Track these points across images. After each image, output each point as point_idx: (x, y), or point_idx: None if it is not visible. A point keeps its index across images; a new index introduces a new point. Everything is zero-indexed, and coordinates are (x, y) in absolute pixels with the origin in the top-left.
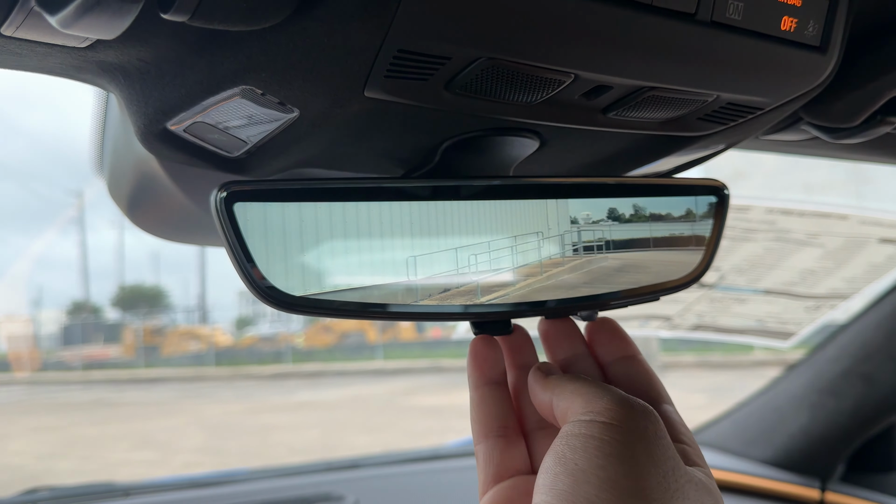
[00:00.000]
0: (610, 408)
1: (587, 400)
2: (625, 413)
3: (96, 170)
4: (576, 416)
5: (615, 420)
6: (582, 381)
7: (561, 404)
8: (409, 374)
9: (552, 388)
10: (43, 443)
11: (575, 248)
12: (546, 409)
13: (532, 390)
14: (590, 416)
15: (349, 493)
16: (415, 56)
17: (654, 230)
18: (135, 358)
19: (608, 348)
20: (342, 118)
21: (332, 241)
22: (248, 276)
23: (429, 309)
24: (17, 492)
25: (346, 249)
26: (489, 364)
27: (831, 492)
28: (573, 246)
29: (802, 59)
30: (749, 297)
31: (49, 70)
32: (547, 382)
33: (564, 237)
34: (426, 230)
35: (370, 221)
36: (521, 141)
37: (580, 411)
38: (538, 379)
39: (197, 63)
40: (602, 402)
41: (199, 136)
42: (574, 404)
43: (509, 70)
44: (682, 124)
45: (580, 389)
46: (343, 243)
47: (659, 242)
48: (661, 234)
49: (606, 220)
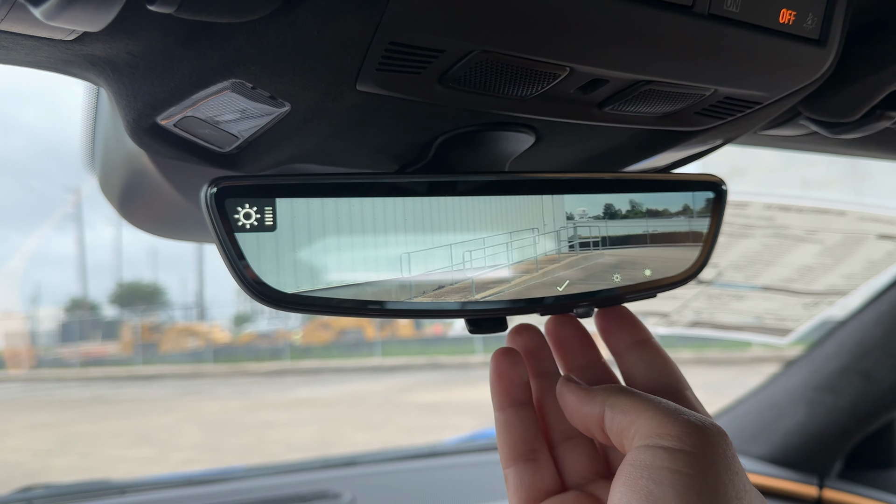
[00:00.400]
0: (688, 433)
1: (659, 422)
2: (704, 440)
3: (88, 166)
4: (648, 440)
5: (695, 448)
6: (641, 397)
7: (621, 420)
8: (407, 371)
9: (603, 402)
10: (40, 440)
11: (571, 245)
12: (592, 423)
13: (570, 402)
14: (667, 441)
15: (346, 490)
16: (407, 49)
17: (650, 226)
18: (133, 355)
19: (621, 335)
20: (334, 112)
21: (325, 237)
22: (240, 273)
23: (423, 306)
24: (13, 490)
25: (339, 246)
26: (514, 383)
27: (829, 488)
28: (569, 242)
29: (801, 53)
30: (747, 294)
31: (38, 64)
32: (594, 395)
33: (560, 233)
34: (420, 226)
35: (363, 217)
36: (516, 136)
37: (652, 434)
38: (576, 390)
39: (186, 56)
40: (678, 427)
41: (190, 131)
42: (641, 425)
43: (503, 63)
44: (679, 119)
45: (643, 406)
46: (336, 239)
47: (656, 238)
48: (657, 230)
49: (602, 216)
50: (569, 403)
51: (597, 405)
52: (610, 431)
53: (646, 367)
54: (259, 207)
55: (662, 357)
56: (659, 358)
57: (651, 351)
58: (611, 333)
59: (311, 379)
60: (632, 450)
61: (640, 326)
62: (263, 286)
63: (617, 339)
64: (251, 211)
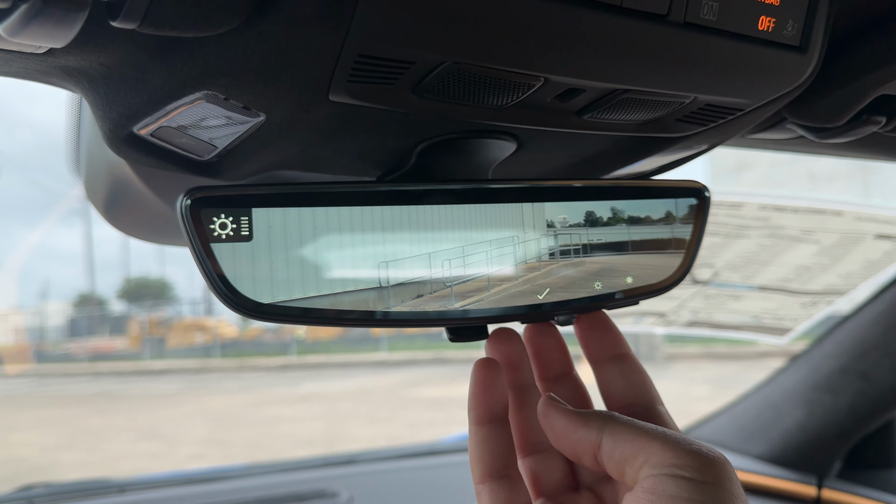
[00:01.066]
0: (705, 464)
1: (672, 452)
2: (720, 471)
3: (73, 171)
4: (663, 470)
5: (714, 479)
6: (643, 425)
7: (625, 449)
8: (412, 366)
9: (601, 429)
10: (48, 435)
11: (551, 253)
12: (584, 449)
13: (558, 425)
14: (687, 472)
15: (344, 489)
16: (376, 60)
17: (632, 233)
18: (140, 350)
19: (600, 346)
20: (309, 122)
21: (302, 246)
22: (215, 283)
23: (402, 315)
24: (13, 488)
25: (317, 255)
26: (494, 398)
27: (828, 488)
28: (549, 250)
29: (782, 60)
30: (744, 294)
31: (16, 74)
32: (588, 420)
33: (541, 241)
34: (399, 235)
35: (341, 226)
36: (497, 143)
37: (667, 463)
38: (566, 414)
39: (157, 68)
40: (692, 457)
41: (167, 140)
42: (652, 453)
43: (476, 74)
44: (660, 126)
45: (649, 435)
46: (313, 249)
47: (638, 246)
48: (639, 237)
49: (584, 224)
50: (557, 427)
51: (593, 432)
52: (609, 459)
53: (623, 380)
54: (235, 217)
55: (640, 372)
56: (636, 372)
57: (629, 365)
58: (591, 344)
59: (317, 374)
60: (648, 478)
61: (621, 340)
62: (239, 296)
63: (597, 351)
64: (227, 221)
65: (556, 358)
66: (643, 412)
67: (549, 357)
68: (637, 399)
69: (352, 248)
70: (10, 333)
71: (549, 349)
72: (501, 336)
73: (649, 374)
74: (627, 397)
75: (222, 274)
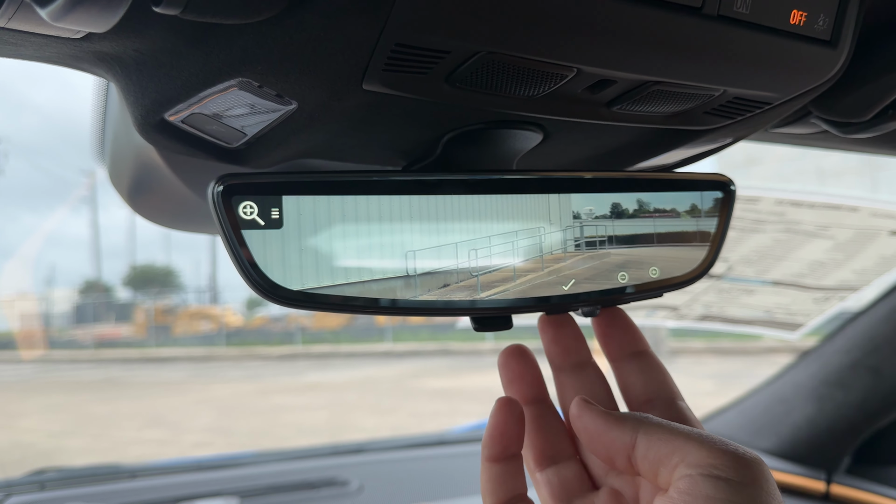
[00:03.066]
0: (741, 465)
1: (708, 452)
2: (756, 471)
3: (98, 157)
4: (699, 469)
5: (751, 480)
6: (677, 426)
7: (660, 448)
8: (417, 357)
9: (635, 429)
10: (54, 421)
11: (577, 244)
12: (618, 449)
13: (592, 426)
14: (723, 472)
15: (354, 477)
16: (413, 50)
17: (657, 225)
18: (146, 337)
19: (619, 343)
20: (341, 111)
21: (331, 234)
22: (246, 270)
23: (428, 304)
24: (25, 472)
25: (345, 243)
26: (510, 440)
27: (837, 484)
28: (575, 241)
29: (812, 54)
30: (757, 288)
31: (47, 59)
32: (623, 421)
33: (566, 232)
34: (426, 224)
35: (369, 215)
36: (524, 134)
37: (703, 463)
38: (601, 415)
39: (193, 55)
40: (729, 458)
41: (198, 127)
42: (688, 453)
43: (510, 64)
44: (688, 118)
45: (684, 436)
46: (341, 237)
47: (663, 238)
48: (665, 230)
49: (609, 216)
50: (590, 428)
51: (627, 432)
52: (643, 459)
53: (643, 377)
54: (265, 205)
55: (659, 368)
56: (656, 369)
57: (648, 361)
58: (610, 341)
59: (322, 363)
60: (683, 478)
61: (640, 337)
62: (269, 283)
63: (616, 348)
64: (258, 208)
65: (572, 347)
66: (663, 408)
67: (566, 346)
68: (657, 395)
69: (379, 237)
70: (18, 319)
71: (564, 338)
72: (514, 353)
73: (669, 372)
74: (647, 393)
75: (253, 260)
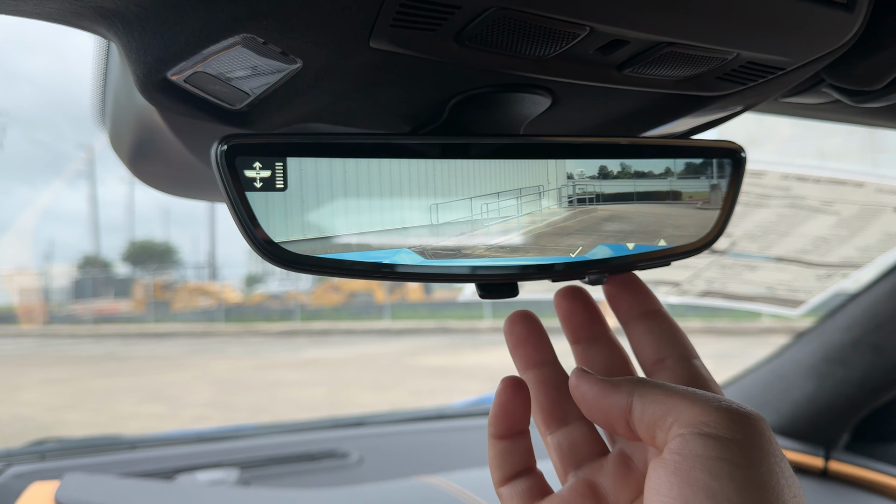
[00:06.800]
0: (734, 421)
1: (701, 410)
2: (751, 427)
3: (98, 121)
4: (692, 428)
5: (745, 436)
6: (672, 386)
7: (654, 410)
8: (415, 335)
9: (630, 392)
10: (54, 395)
11: (572, 199)
12: (616, 415)
13: (590, 394)
14: (715, 429)
15: (354, 449)
16: (422, 4)
17: (665, 192)
18: (145, 313)
19: (631, 303)
20: (347, 70)
21: (335, 198)
22: (250, 232)
23: (433, 270)
24: (26, 442)
25: (349, 207)
26: (515, 419)
27: (835, 460)
28: (573, 197)
29: (827, 17)
30: (760, 264)
31: (47, 16)
32: (618, 386)
33: (562, 190)
34: (432, 188)
35: (372, 179)
36: (532, 98)
37: (696, 422)
38: (597, 382)
39: (197, 9)
40: (722, 415)
41: (201, 87)
42: (681, 413)
43: (521, 21)
44: (699, 83)
45: (678, 395)
46: (345, 200)
47: (671, 206)
48: (673, 198)
49: (614, 176)
50: (588, 396)
51: (623, 396)
52: (639, 422)
53: (653, 336)
54: (270, 166)
55: (671, 326)
56: (667, 327)
57: (661, 320)
58: (620, 302)
59: (320, 340)
60: (675, 438)
61: (651, 296)
62: (273, 246)
63: (626, 309)
64: (262, 169)
65: (586, 319)
66: (676, 366)
67: (580, 319)
68: (669, 353)
69: (383, 201)
70: (16, 294)
71: (578, 312)
72: (519, 317)
73: (682, 330)
74: (659, 352)
75: (257, 223)
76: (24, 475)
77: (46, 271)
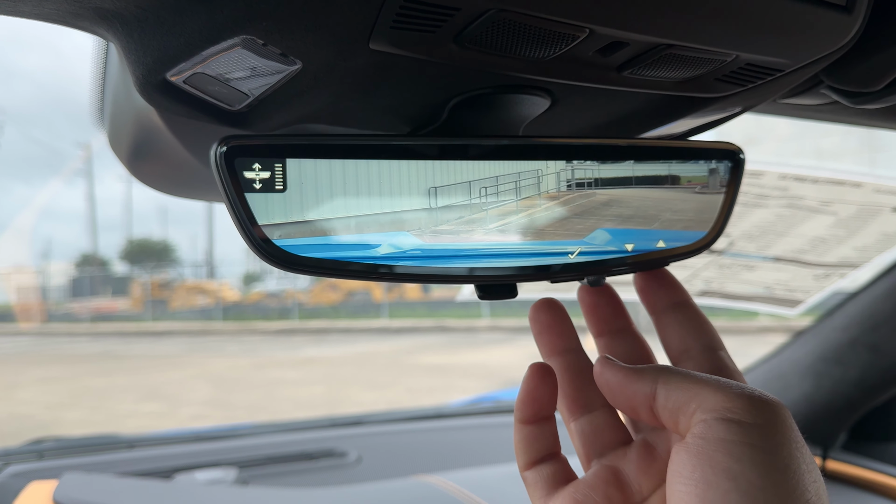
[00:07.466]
0: (756, 407)
1: (725, 396)
2: (773, 413)
3: (97, 121)
4: (715, 413)
5: (767, 422)
6: (696, 374)
7: (678, 397)
8: (413, 333)
9: (655, 379)
10: (51, 393)
11: (572, 184)
12: (640, 402)
13: (614, 381)
14: (738, 415)
15: (352, 449)
16: (422, 6)
17: (663, 192)
18: (142, 311)
19: (659, 295)
20: (346, 71)
21: (334, 199)
22: (248, 232)
23: (433, 271)
24: (24, 441)
25: (348, 208)
26: (542, 404)
27: (833, 460)
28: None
29: (827, 19)
30: (758, 264)
31: (46, 17)
32: (643, 373)
33: (560, 175)
34: (430, 189)
35: (372, 180)
36: (531, 99)
37: (719, 407)
38: (621, 370)
39: (196, 10)
40: (745, 401)
41: (200, 88)
42: (705, 399)
43: (520, 24)
44: (698, 84)
45: (702, 382)
46: (344, 201)
47: (669, 207)
48: (672, 198)
49: (612, 180)
50: (612, 383)
51: (647, 383)
52: (663, 409)
53: (683, 327)
54: (269, 167)
55: (700, 318)
56: (696, 318)
57: (689, 312)
58: (650, 294)
59: (318, 339)
60: (698, 423)
61: (680, 288)
62: (272, 247)
63: (655, 300)
64: (261, 170)
65: (610, 313)
66: (700, 356)
67: (605, 312)
68: (695, 343)
69: (382, 202)
70: (15, 292)
71: (602, 305)
72: (543, 305)
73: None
74: (685, 342)
75: (256, 224)
76: (22, 474)
77: (44, 270)
